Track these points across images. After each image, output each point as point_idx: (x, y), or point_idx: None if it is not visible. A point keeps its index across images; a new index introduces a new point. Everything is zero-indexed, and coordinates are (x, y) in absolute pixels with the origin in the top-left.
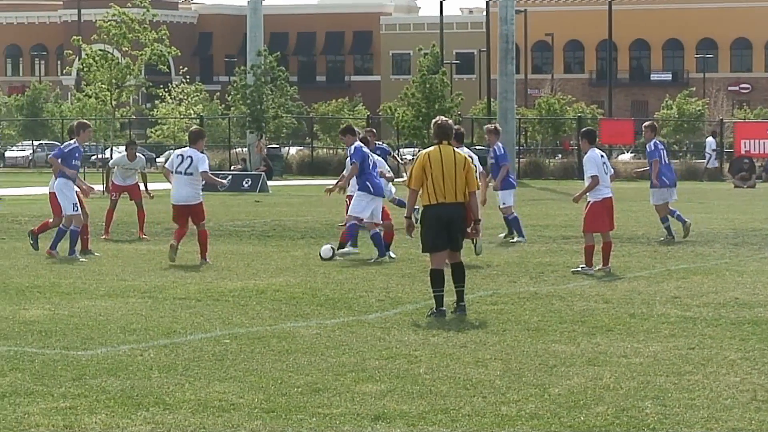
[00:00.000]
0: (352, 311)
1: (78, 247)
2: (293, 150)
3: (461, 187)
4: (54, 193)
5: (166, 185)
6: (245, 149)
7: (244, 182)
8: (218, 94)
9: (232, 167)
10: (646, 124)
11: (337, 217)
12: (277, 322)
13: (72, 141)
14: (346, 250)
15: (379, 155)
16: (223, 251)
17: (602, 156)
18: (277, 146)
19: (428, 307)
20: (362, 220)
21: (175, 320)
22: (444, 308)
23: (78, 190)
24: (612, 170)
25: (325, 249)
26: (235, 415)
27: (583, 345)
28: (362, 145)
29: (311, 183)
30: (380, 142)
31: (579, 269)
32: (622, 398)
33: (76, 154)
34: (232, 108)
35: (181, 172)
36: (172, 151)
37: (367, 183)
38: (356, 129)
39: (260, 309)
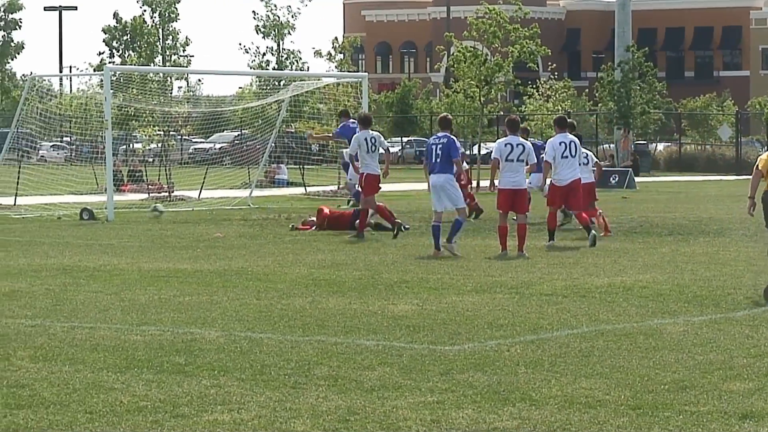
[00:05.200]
0: (719, 308)
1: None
2: (660, 146)
3: None
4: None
5: None
6: (612, 145)
7: (611, 178)
8: (586, 90)
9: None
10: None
11: (705, 213)
12: (644, 319)
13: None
14: None
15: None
16: (590, 248)
17: None
18: (645, 142)
19: None
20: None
21: (542, 316)
22: None
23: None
24: None
25: None
26: (601, 412)
27: None
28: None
29: (679, 179)
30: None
31: None
32: None
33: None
34: (599, 104)
35: (512, 160)
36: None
37: None
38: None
39: (627, 306)
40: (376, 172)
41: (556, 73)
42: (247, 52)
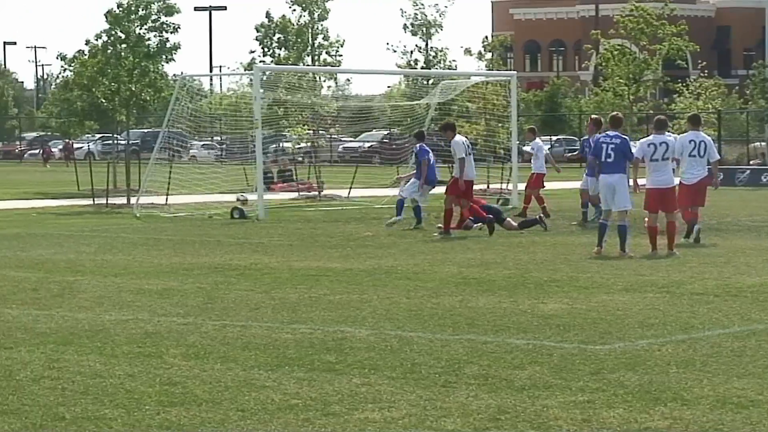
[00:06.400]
0: None
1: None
2: None
3: None
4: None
5: None
6: (764, 143)
7: (763, 177)
8: (736, 87)
9: (750, 162)
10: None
11: None
12: None
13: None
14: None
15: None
16: (742, 247)
17: None
18: None
19: None
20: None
21: (693, 315)
22: None
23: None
24: None
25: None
26: (753, 412)
27: None
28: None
29: None
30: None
31: None
32: None
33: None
34: (749, 102)
35: (657, 159)
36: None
37: None
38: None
39: None
40: (468, 177)
41: (705, 71)
42: (395, 51)
